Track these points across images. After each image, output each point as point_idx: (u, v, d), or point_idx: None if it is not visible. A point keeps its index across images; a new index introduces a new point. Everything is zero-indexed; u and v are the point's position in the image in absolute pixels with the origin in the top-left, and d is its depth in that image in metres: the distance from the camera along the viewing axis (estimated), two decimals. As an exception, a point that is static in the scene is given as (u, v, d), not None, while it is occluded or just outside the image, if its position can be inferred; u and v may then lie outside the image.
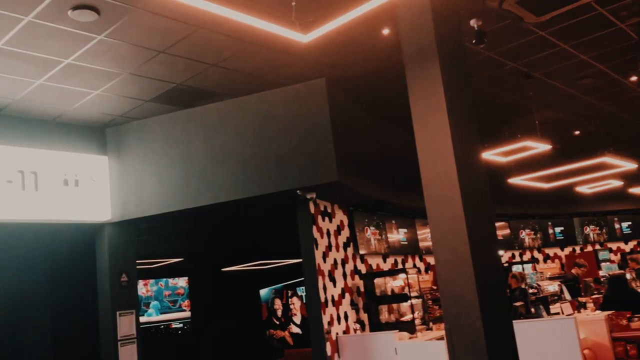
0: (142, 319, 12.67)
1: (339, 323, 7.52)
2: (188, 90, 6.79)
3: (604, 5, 6.00)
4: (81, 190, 7.03)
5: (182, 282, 14.00)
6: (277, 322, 14.70)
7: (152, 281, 13.31)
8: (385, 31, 5.95)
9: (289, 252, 12.99)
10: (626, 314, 6.64)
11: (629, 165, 10.63)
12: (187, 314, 13.97)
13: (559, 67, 7.65)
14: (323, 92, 6.66)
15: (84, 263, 7.94)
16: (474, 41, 5.82)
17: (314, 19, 3.80)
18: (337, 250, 8.02)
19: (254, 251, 14.07)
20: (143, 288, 13.09)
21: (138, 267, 7.74)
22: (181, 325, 13.92)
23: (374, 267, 9.13)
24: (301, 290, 14.34)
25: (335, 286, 7.66)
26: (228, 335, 14.22)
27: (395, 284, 8.49)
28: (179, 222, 9.44)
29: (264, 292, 15.27)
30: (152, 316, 13.30)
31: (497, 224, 13.19)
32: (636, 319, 6.52)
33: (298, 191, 6.73)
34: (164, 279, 13.65)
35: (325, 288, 7.33)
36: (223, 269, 14.80)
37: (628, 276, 9.59)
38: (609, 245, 15.14)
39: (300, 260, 7.36)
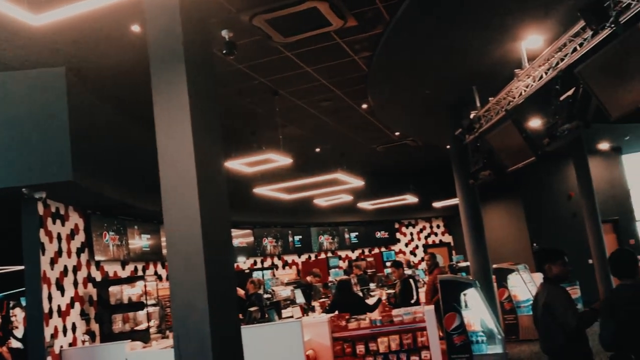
0: None
1: (65, 335, 6.91)
2: None
3: (341, 36, 6.66)
4: None
5: None
6: (-6, 337, 12.89)
7: None
8: (135, 28, 5.72)
9: (12, 257, 11.52)
10: (346, 315, 7.37)
11: (357, 182, 11.91)
12: None
13: (302, 88, 8.24)
14: (62, 82, 6.09)
15: None
16: (224, 51, 5.93)
17: (48, 1, 3.44)
18: (69, 256, 7.38)
19: (-32, 256, 12.16)
20: None
21: None
22: None
23: (111, 274, 8.63)
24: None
25: (63, 295, 7.02)
26: None
27: (132, 291, 8.14)
28: None
29: (-21, 303, 13.27)
30: None
31: (242, 232, 13.64)
32: (353, 320, 7.28)
33: (24, 189, 6.02)
34: None
35: (50, 297, 6.67)
36: None
37: (353, 281, 10.71)
38: (339, 253, 16.79)
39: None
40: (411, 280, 8.73)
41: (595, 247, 12.62)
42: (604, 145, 15.33)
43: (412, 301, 8.42)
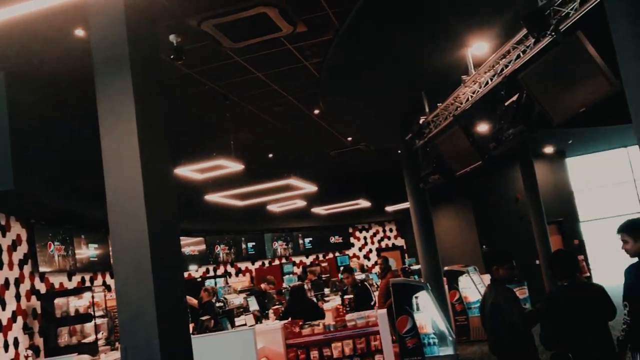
0: None
1: (7, 351, 6.62)
2: None
3: (292, 42, 6.65)
4: None
5: None
6: None
7: None
8: (79, 32, 5.56)
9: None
10: (299, 321, 7.34)
11: (310, 188, 11.91)
12: None
13: (254, 93, 8.19)
14: (1, 86, 5.85)
15: None
16: (172, 56, 5.84)
17: (-17, 3, 3.30)
18: (11, 268, 7.09)
19: None
20: None
21: None
22: None
23: (57, 286, 8.33)
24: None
25: (4, 309, 6.74)
26: None
27: (79, 303, 7.88)
28: None
29: None
30: None
31: (194, 240, 13.42)
32: (307, 326, 7.25)
33: (-39, 199, 5.76)
34: None
35: (-9, 312, 6.40)
36: None
37: (306, 287, 10.69)
38: (294, 258, 16.73)
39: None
40: (366, 284, 8.77)
41: (542, 248, 13.02)
42: (548, 149, 15.87)
43: (372, 303, 8.46)
